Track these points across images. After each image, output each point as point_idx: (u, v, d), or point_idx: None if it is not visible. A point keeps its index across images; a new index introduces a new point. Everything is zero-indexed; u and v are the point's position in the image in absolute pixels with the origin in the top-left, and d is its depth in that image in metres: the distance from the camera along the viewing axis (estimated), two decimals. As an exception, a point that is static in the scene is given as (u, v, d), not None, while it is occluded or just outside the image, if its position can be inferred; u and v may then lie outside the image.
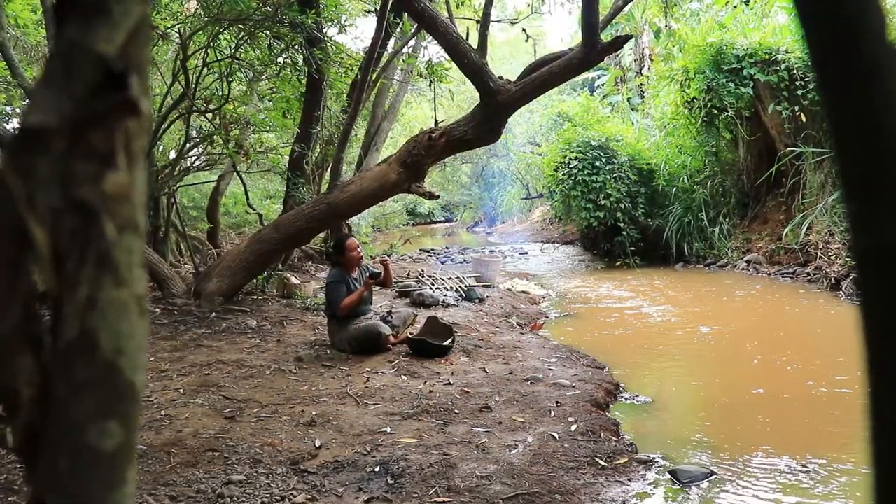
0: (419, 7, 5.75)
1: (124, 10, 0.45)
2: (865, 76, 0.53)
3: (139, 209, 0.46)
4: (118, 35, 0.45)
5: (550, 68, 5.99)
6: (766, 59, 12.95)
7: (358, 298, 6.38)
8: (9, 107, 15.40)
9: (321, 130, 9.72)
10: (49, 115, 0.43)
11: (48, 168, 0.43)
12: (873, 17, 0.54)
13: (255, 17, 8.24)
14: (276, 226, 8.01)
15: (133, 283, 0.45)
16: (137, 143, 0.46)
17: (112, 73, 0.45)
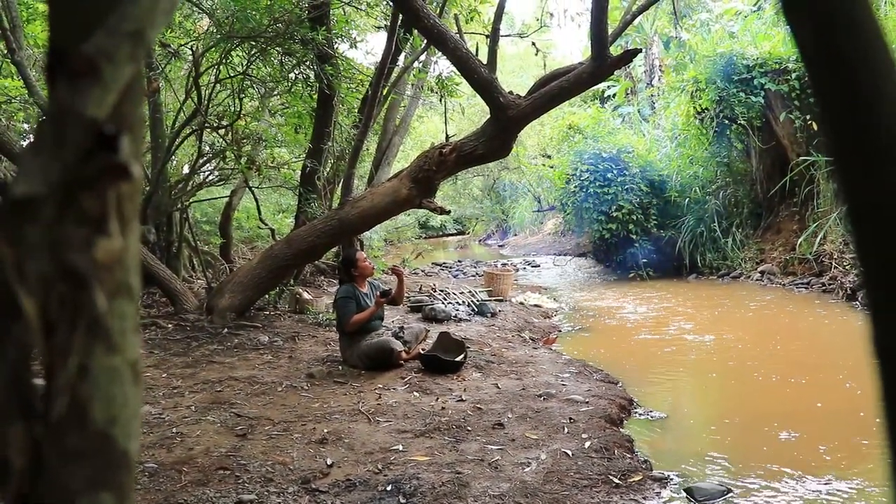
0: (429, 24, 5.76)
1: (115, 71, 0.44)
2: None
3: (133, 273, 0.45)
4: (109, 97, 0.44)
5: (560, 83, 5.98)
6: (777, 68, 12.93)
7: (368, 317, 6.36)
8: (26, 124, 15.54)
9: (332, 146, 9.75)
10: (38, 184, 0.42)
11: (38, 235, 0.42)
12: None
13: (266, 34, 8.28)
14: (288, 241, 8.02)
15: (126, 349, 0.44)
16: (130, 206, 0.46)
17: (103, 135, 0.44)
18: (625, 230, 14.59)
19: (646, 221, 14.82)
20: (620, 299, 11.88)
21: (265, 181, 11.89)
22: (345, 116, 10.60)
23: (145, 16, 0.46)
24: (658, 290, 12.71)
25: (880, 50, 0.59)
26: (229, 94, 10.02)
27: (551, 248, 22.79)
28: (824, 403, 5.61)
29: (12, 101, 12.98)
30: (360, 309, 6.41)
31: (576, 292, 13.36)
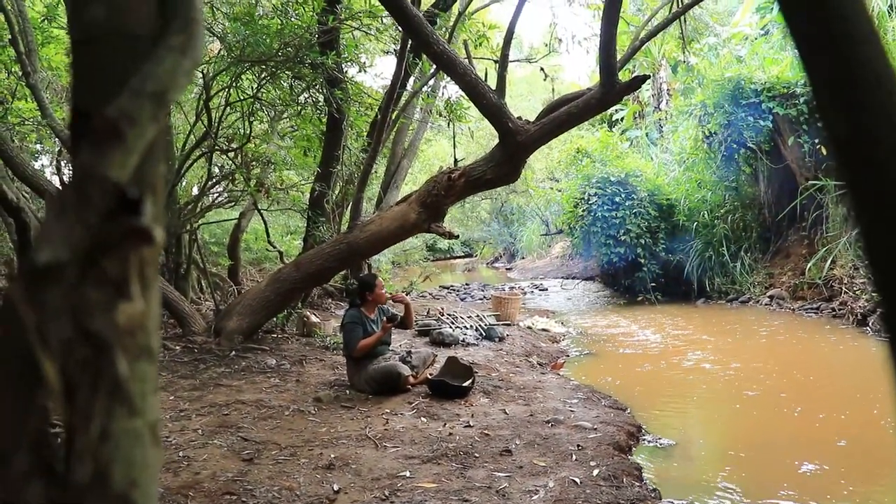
0: (438, 49, 5.80)
1: (138, 134, 0.45)
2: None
3: (153, 335, 0.46)
4: (132, 159, 0.45)
5: (569, 108, 6.00)
6: (785, 92, 12.95)
7: (374, 342, 6.35)
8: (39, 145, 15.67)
9: (341, 170, 9.79)
10: (61, 250, 0.42)
11: (60, 299, 0.42)
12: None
13: (276, 58, 8.34)
14: (297, 265, 8.03)
15: (147, 411, 0.44)
16: (151, 269, 0.46)
17: (126, 198, 0.44)
18: (633, 254, 14.56)
19: (654, 245, 14.79)
20: (628, 324, 11.84)
21: (274, 204, 11.93)
22: (354, 140, 10.65)
23: (168, 77, 0.47)
24: (666, 314, 12.67)
25: (888, 78, 0.59)
26: (239, 117, 10.08)
27: (559, 272, 22.76)
28: (841, 433, 5.56)
29: (26, 123, 13.11)
30: (366, 334, 6.40)
31: (584, 316, 13.32)
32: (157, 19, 0.52)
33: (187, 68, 0.49)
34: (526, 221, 28.95)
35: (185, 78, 0.49)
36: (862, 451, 5.14)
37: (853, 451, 5.15)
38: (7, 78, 12.55)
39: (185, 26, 0.52)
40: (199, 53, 0.53)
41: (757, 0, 17.97)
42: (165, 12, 0.53)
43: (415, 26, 5.79)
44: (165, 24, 0.52)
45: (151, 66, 0.47)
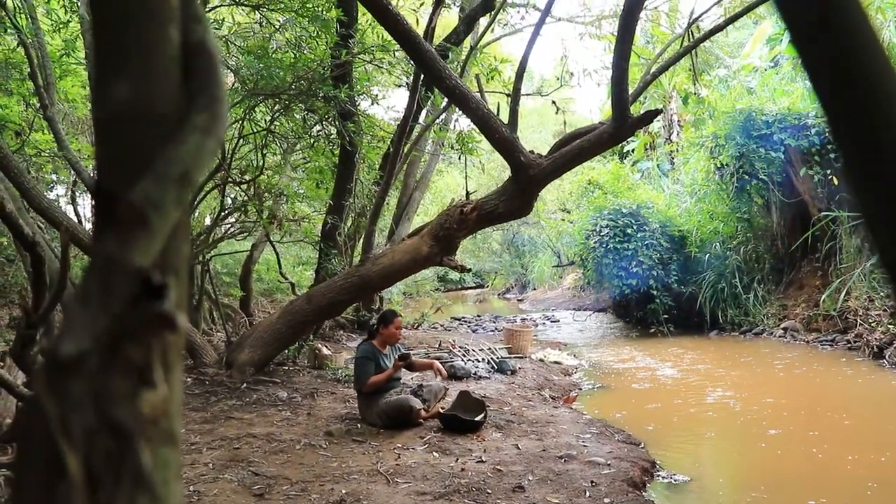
0: (451, 84, 5.84)
1: (162, 219, 0.45)
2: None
3: (176, 419, 0.45)
4: (156, 244, 0.45)
5: (581, 143, 6.02)
6: (797, 124, 12.96)
7: (384, 379, 6.33)
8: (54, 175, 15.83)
9: (353, 202, 9.83)
10: (84, 340, 0.42)
11: (83, 389, 0.42)
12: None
13: (290, 91, 8.42)
14: (309, 297, 8.04)
15: (169, 498, 0.44)
16: (174, 353, 0.46)
17: (150, 283, 0.44)
18: (645, 286, 14.50)
19: (666, 277, 14.73)
20: (641, 356, 11.76)
21: (286, 235, 11.97)
22: (366, 173, 10.70)
23: (192, 159, 0.47)
24: (679, 346, 12.59)
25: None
26: (252, 149, 10.15)
27: (571, 303, 22.68)
28: (862, 471, 5.48)
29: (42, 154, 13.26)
30: (378, 369, 6.38)
31: (596, 348, 13.25)
32: (181, 96, 0.52)
33: (211, 148, 0.49)
34: (537, 253, 28.92)
35: (209, 158, 0.49)
36: (888, 492, 5.05)
37: (879, 492, 5.07)
38: (25, 110, 12.72)
39: (210, 104, 0.52)
40: (223, 132, 0.53)
41: (767, 32, 18.06)
42: (190, 88, 0.53)
43: (427, 61, 5.84)
44: (190, 101, 0.52)
45: (176, 148, 0.48)
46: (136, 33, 0.49)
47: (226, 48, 8.95)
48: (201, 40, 0.54)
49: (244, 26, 10.63)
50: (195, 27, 0.54)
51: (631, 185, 17.17)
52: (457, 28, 10.28)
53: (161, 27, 0.50)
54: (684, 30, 7.52)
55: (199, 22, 0.54)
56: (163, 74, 0.51)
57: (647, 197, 16.10)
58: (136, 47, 0.49)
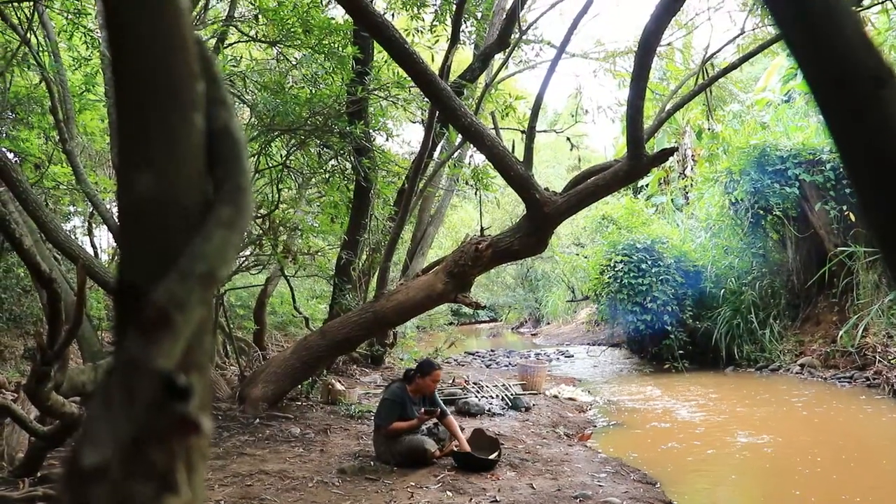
0: (466, 122, 5.86)
1: (188, 319, 0.44)
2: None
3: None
4: (180, 345, 0.44)
5: (596, 180, 6.02)
6: (811, 159, 12.95)
7: (407, 428, 6.26)
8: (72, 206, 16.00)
9: (368, 237, 9.85)
10: (106, 448, 0.42)
11: (105, 497, 0.41)
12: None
13: (305, 127, 8.48)
14: (323, 333, 8.03)
15: None
16: (198, 457, 0.45)
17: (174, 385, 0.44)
18: (660, 321, 14.41)
19: (681, 312, 14.64)
20: (656, 392, 11.65)
21: (300, 269, 11.99)
22: (381, 208, 10.73)
23: (217, 255, 0.46)
24: (695, 382, 12.46)
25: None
26: (267, 183, 10.21)
27: (585, 338, 22.56)
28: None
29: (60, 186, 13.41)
30: (403, 414, 6.32)
31: (610, 385, 13.14)
32: (205, 186, 0.52)
33: (235, 243, 0.49)
34: (551, 287, 28.84)
35: (235, 253, 0.49)
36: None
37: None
38: (45, 143, 12.90)
39: (235, 195, 0.52)
40: (248, 224, 0.52)
41: (780, 66, 18.12)
42: (214, 175, 0.53)
43: (444, 99, 5.87)
44: (215, 191, 0.52)
45: (201, 245, 0.47)
46: (160, 121, 0.49)
47: (243, 84, 9.04)
48: (226, 125, 0.54)
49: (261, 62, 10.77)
50: (220, 111, 0.54)
51: (645, 220, 17.14)
52: (472, 65, 10.36)
53: (186, 114, 0.50)
54: (698, 67, 7.54)
55: (224, 106, 0.54)
56: (187, 164, 0.50)
57: (662, 232, 16.06)
58: (160, 136, 0.49)
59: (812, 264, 13.49)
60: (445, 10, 9.91)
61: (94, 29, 10.52)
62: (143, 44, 0.49)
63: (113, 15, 0.51)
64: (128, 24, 0.50)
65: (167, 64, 0.50)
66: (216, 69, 0.55)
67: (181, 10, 0.53)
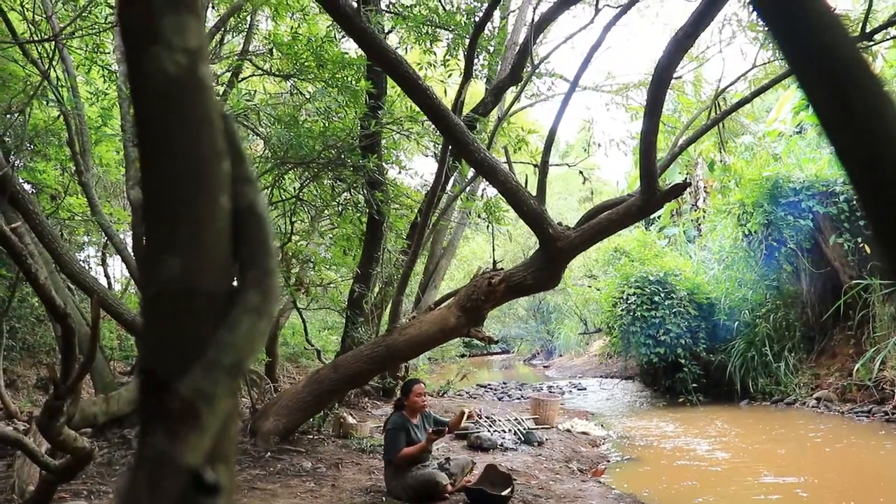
0: (479, 157, 5.88)
1: (215, 412, 0.43)
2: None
3: None
4: (207, 439, 0.43)
5: (609, 215, 6.01)
6: (824, 190, 12.90)
7: (417, 452, 6.22)
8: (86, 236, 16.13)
9: (381, 271, 9.86)
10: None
11: None
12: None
13: (319, 160, 8.53)
14: (335, 366, 8.00)
15: None
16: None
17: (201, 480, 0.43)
18: (673, 354, 14.30)
19: (694, 345, 14.53)
20: (671, 426, 11.53)
21: (312, 302, 12.00)
22: (393, 242, 10.75)
23: (245, 343, 0.46)
24: (710, 416, 12.34)
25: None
26: (280, 215, 10.26)
27: (598, 371, 22.40)
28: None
29: (75, 217, 13.53)
30: (409, 440, 6.29)
31: (624, 418, 13.02)
32: (231, 269, 0.51)
33: (263, 330, 0.48)
34: (563, 319, 28.71)
35: (262, 340, 0.48)
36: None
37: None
38: (61, 175, 13.04)
39: (262, 279, 0.51)
40: (275, 310, 0.52)
41: (792, 97, 18.14)
42: (240, 256, 0.52)
43: (457, 134, 5.90)
44: (241, 274, 0.51)
45: (228, 334, 0.46)
46: (186, 204, 0.48)
47: (257, 118, 9.12)
48: (251, 204, 0.53)
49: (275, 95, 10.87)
50: (245, 189, 0.53)
51: (658, 253, 17.09)
52: (484, 99, 10.42)
53: (212, 196, 0.50)
54: (710, 101, 7.56)
55: (250, 183, 0.54)
56: (213, 248, 0.50)
57: (675, 264, 16.00)
58: (187, 220, 0.48)
59: (827, 297, 13.37)
60: (457, 44, 9.99)
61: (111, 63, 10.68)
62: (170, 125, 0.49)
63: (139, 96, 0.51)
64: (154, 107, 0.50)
65: (194, 144, 0.49)
66: (241, 143, 0.55)
67: (206, 85, 0.53)
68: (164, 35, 0.51)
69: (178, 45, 0.51)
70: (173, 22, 0.52)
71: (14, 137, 10.79)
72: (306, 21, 10.11)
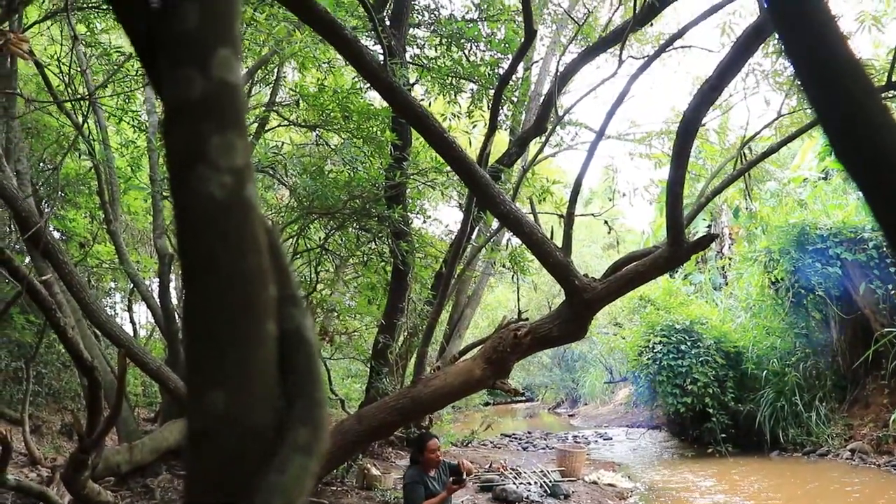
0: (504, 210, 5.87)
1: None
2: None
3: None
4: None
5: (637, 266, 5.96)
6: (852, 237, 12.76)
7: (440, 502, 6.15)
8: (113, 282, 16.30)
9: (406, 321, 9.84)
10: None
11: None
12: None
13: (344, 211, 8.58)
14: (359, 418, 7.92)
15: None
16: None
17: None
18: (700, 404, 14.07)
19: (722, 395, 14.29)
20: (699, 478, 11.30)
21: (337, 352, 11.98)
22: (418, 292, 10.73)
23: (295, 486, 0.44)
24: (740, 467, 12.08)
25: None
26: (305, 263, 10.30)
27: (623, 420, 22.08)
28: None
29: (103, 264, 13.70)
30: (428, 494, 6.20)
31: (651, 469, 12.78)
32: (278, 399, 0.50)
33: (314, 470, 0.47)
34: (589, 368, 28.43)
35: (312, 481, 0.46)
36: None
37: None
38: (90, 223, 13.25)
39: (311, 411, 0.50)
40: (325, 447, 0.50)
41: (816, 143, 18.06)
42: (287, 385, 0.51)
43: (482, 187, 5.90)
44: (289, 406, 0.50)
45: (277, 476, 0.45)
46: (231, 334, 0.47)
47: (283, 169, 9.21)
48: (298, 328, 0.52)
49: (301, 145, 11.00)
50: (292, 311, 0.52)
51: (683, 301, 16.93)
52: (509, 150, 10.47)
53: (259, 322, 0.49)
54: (736, 152, 7.54)
55: (296, 304, 0.52)
56: (260, 379, 0.49)
57: (701, 312, 15.83)
58: (232, 349, 0.47)
59: (858, 345, 13.15)
60: (481, 94, 10.08)
61: (141, 113, 10.89)
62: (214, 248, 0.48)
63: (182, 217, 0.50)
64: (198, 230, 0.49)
65: (239, 268, 0.48)
66: (286, 258, 0.54)
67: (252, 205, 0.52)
68: (210, 156, 0.51)
69: (225, 166, 0.51)
70: (220, 142, 0.51)
71: (47, 187, 10.99)
72: (332, 73, 10.25)
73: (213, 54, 0.56)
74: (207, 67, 0.55)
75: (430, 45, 10.53)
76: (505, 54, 9.70)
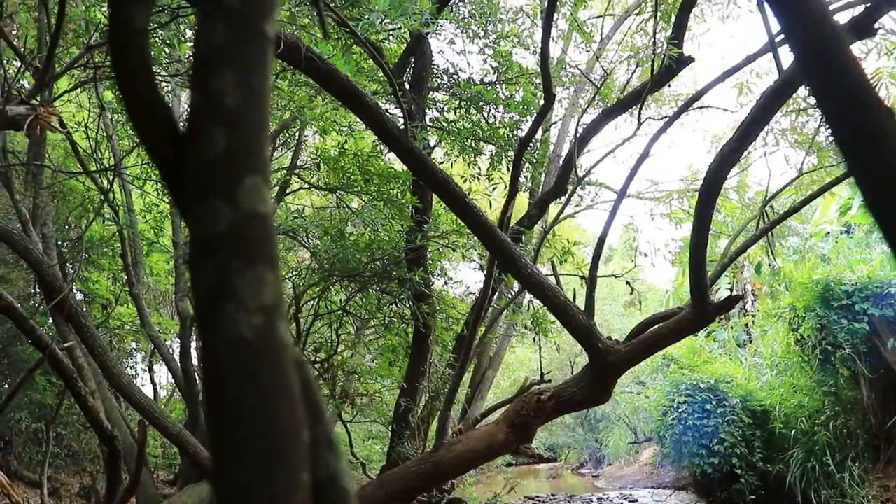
0: (526, 273, 5.88)
1: None
2: None
3: None
4: None
5: (660, 329, 5.93)
6: (879, 292, 12.58)
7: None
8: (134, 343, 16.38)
9: (427, 385, 9.79)
10: None
11: None
12: None
13: (365, 273, 8.60)
14: (381, 483, 7.85)
15: None
16: None
17: None
18: (728, 464, 13.76)
19: (750, 455, 13.98)
20: (730, 544, 10.99)
21: (358, 415, 11.90)
22: (439, 355, 10.68)
23: None
24: (771, 531, 11.76)
25: None
26: (325, 325, 10.30)
27: (649, 481, 21.63)
28: None
29: (125, 326, 13.78)
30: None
31: (680, 533, 12.48)
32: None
33: None
34: (612, 427, 27.99)
35: None
36: None
37: None
38: (113, 285, 13.37)
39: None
40: None
41: (838, 198, 17.98)
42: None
43: (505, 252, 5.92)
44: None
45: None
46: (262, 484, 0.45)
47: (305, 232, 9.28)
48: (333, 475, 0.50)
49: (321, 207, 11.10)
50: (327, 456, 0.50)
51: (707, 359, 16.68)
52: (529, 211, 10.50)
53: (292, 473, 0.46)
54: (759, 210, 7.52)
55: (332, 449, 0.50)
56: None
57: (725, 371, 15.59)
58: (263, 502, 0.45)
59: (890, 403, 12.86)
60: (501, 156, 10.14)
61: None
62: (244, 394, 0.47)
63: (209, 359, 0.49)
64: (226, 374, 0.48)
65: (271, 415, 0.47)
66: (319, 397, 0.53)
67: (284, 345, 0.51)
68: (239, 294, 0.49)
69: (255, 305, 0.50)
70: (249, 278, 0.50)
71: (71, 249, 11.13)
72: (353, 136, 10.38)
73: (242, 183, 0.55)
74: (236, 197, 0.54)
75: (450, 107, 10.64)
76: (524, 116, 9.78)
